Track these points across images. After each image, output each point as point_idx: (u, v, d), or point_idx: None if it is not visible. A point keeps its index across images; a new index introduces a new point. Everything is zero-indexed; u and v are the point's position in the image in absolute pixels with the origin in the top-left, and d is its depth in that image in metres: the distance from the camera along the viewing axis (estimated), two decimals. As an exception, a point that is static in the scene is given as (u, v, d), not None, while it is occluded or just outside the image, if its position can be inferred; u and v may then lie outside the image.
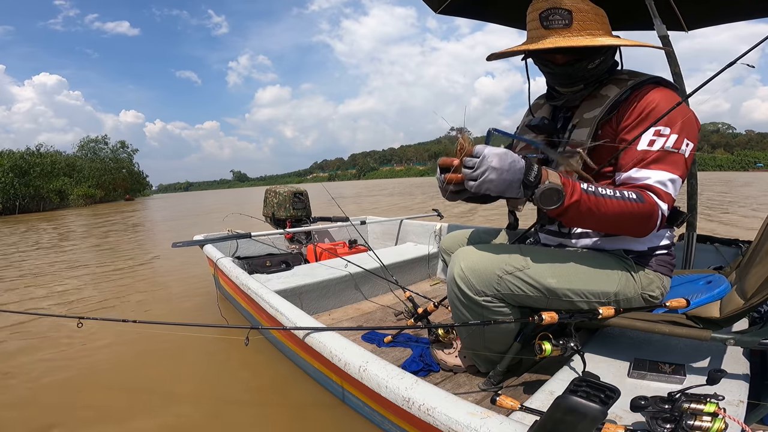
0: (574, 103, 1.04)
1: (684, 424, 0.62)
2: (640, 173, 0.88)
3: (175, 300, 2.86)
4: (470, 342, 1.12)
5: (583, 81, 0.99)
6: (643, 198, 0.84)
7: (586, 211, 0.83)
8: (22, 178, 24.92)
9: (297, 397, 1.42)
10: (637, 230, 0.89)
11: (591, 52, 0.93)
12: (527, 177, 0.81)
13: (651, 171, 0.87)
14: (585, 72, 0.96)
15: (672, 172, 0.87)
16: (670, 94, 0.92)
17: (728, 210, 6.95)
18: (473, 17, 1.99)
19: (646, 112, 0.90)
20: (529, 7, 0.96)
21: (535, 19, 0.94)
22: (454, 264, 1.01)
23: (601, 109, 0.95)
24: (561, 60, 0.96)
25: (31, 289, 3.44)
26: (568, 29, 0.91)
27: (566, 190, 0.80)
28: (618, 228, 0.90)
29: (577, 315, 0.91)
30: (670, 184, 0.87)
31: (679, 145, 0.87)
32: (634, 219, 0.85)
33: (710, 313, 0.94)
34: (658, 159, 0.87)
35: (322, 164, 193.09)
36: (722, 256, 1.61)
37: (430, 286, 2.33)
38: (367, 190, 25.03)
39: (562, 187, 0.80)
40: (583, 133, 0.98)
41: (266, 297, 1.41)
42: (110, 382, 1.65)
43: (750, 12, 1.61)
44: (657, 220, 0.86)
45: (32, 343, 2.11)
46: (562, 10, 0.90)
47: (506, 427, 0.65)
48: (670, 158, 0.87)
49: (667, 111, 0.87)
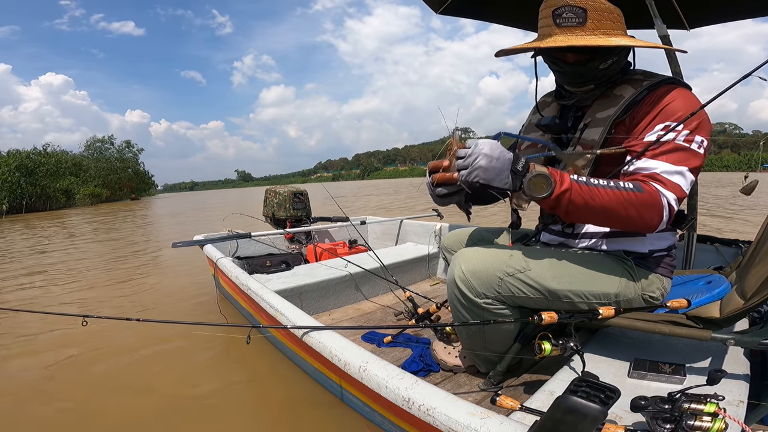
0: (585, 103, 1.02)
1: (684, 425, 0.61)
2: (646, 163, 0.86)
3: (177, 299, 2.86)
4: (470, 343, 1.12)
5: (594, 81, 0.97)
6: (641, 187, 0.82)
7: (579, 201, 0.82)
8: (28, 178, 25.18)
9: (297, 397, 1.42)
10: (642, 222, 0.83)
11: (604, 52, 0.90)
12: (515, 166, 0.82)
13: (657, 161, 0.85)
14: (596, 72, 0.94)
15: (680, 164, 0.84)
16: (687, 93, 0.90)
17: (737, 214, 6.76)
18: (474, 17, 1.98)
19: (660, 109, 0.88)
20: (543, 3, 0.93)
21: (547, 16, 0.91)
22: (455, 266, 1.00)
23: (616, 108, 0.93)
24: (572, 59, 0.94)
25: (35, 287, 3.44)
26: (582, 28, 0.88)
27: (554, 178, 0.81)
28: (621, 221, 0.85)
29: (577, 315, 0.91)
30: (677, 176, 0.84)
31: (690, 140, 0.84)
32: (634, 209, 0.81)
33: (710, 313, 0.94)
34: (666, 151, 0.85)
35: (326, 164, 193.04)
36: (722, 256, 1.61)
37: (430, 286, 2.32)
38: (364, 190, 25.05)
39: (550, 175, 0.81)
40: (595, 132, 0.96)
41: (266, 297, 1.41)
42: (111, 379, 1.66)
43: (751, 10, 1.61)
44: (662, 209, 0.82)
45: (37, 341, 2.12)
46: (577, 8, 0.87)
47: (506, 427, 0.65)
48: (680, 151, 0.84)
49: (686, 110, 0.85)
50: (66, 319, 2.27)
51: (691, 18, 1.71)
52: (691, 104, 0.88)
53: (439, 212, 2.93)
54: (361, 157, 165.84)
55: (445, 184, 0.89)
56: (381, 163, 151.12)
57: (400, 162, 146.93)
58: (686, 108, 0.86)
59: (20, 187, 24.18)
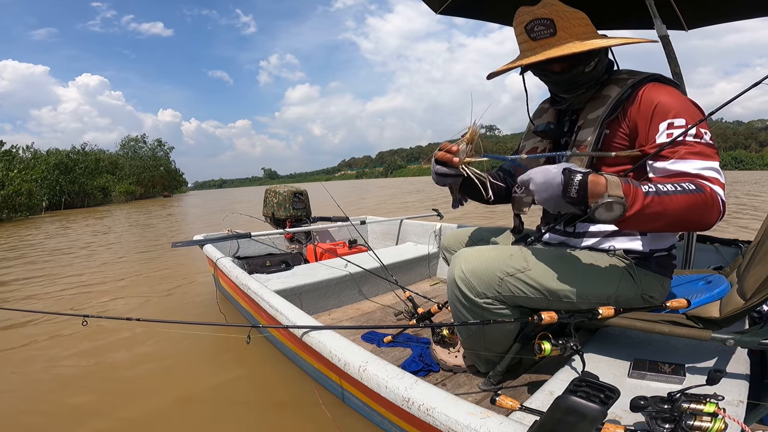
0: (579, 106, 1.05)
1: (684, 424, 0.61)
2: (684, 165, 0.83)
3: (180, 298, 2.86)
4: (470, 343, 1.12)
5: (584, 85, 0.99)
6: (701, 188, 0.79)
7: (651, 214, 0.76)
8: (66, 176, 26.08)
9: (297, 397, 1.42)
10: (705, 221, 0.81)
11: (585, 56, 0.93)
12: (567, 194, 0.75)
13: (694, 161, 0.83)
14: (584, 76, 0.97)
15: (711, 160, 0.83)
16: (670, 89, 0.92)
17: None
18: (474, 17, 1.99)
19: (652, 108, 0.89)
20: (514, 21, 0.97)
21: (522, 33, 0.95)
22: (455, 266, 1.01)
23: (604, 108, 0.95)
24: (558, 68, 0.97)
25: (39, 287, 3.44)
26: (555, 38, 0.91)
27: (628, 200, 0.74)
28: (685, 224, 0.82)
29: (577, 315, 0.91)
30: (715, 172, 0.83)
31: (701, 135, 0.84)
32: (699, 210, 0.79)
33: (710, 313, 0.94)
34: (695, 151, 0.83)
35: (350, 162, 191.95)
36: (722, 256, 1.61)
37: (430, 286, 2.32)
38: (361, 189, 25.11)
39: (624, 198, 0.73)
40: (587, 133, 0.98)
41: (266, 297, 1.41)
42: (111, 379, 1.66)
43: (753, 10, 1.61)
44: (720, 206, 0.81)
45: (38, 341, 2.12)
46: (545, 20, 0.90)
47: (506, 427, 0.65)
48: (700, 147, 0.83)
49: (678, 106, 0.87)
50: (67, 319, 2.27)
51: (689, 18, 1.71)
52: (679, 99, 0.89)
53: (439, 212, 2.93)
54: (384, 155, 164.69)
55: (446, 165, 0.96)
56: (404, 161, 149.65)
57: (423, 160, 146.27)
58: (677, 104, 0.88)
59: (59, 184, 24.99)
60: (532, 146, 1.15)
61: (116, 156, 40.39)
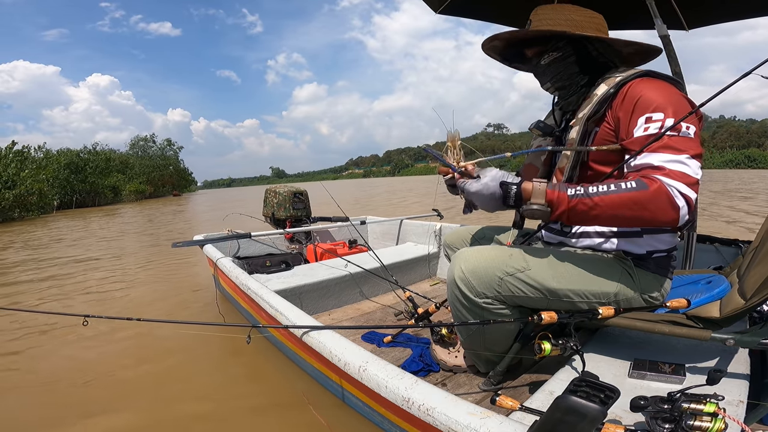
0: (576, 106, 1.06)
1: (684, 424, 0.61)
2: (645, 159, 0.85)
3: (180, 298, 2.86)
4: (470, 343, 1.12)
5: (567, 79, 1.03)
6: (644, 183, 0.81)
7: (582, 213, 0.85)
8: (77, 175, 26.16)
9: (297, 397, 1.42)
10: (656, 216, 0.81)
11: (545, 40, 1.02)
12: (506, 202, 0.91)
13: (655, 155, 0.84)
14: (560, 68, 1.02)
15: (677, 153, 0.83)
16: (658, 83, 0.91)
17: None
18: (473, 17, 1.99)
19: (634, 103, 0.89)
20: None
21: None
22: (455, 265, 1.01)
23: (590, 106, 0.97)
24: (530, 53, 1.06)
25: (47, 287, 3.44)
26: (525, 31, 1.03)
27: (552, 205, 0.86)
28: (632, 220, 0.84)
29: (577, 315, 0.91)
30: (677, 164, 0.82)
31: (678, 128, 0.84)
32: (640, 206, 0.80)
33: (710, 313, 0.94)
34: (661, 144, 0.83)
35: (357, 161, 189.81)
36: (722, 256, 1.61)
37: (430, 286, 2.32)
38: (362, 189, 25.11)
39: (546, 205, 0.86)
40: (575, 131, 1.01)
41: (266, 297, 1.41)
42: (111, 379, 1.66)
43: (753, 9, 1.61)
44: (672, 199, 0.79)
45: (40, 340, 2.12)
46: (528, 21, 1.04)
47: (506, 427, 0.65)
48: (673, 140, 0.83)
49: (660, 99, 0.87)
50: (70, 319, 2.27)
51: (689, 18, 1.71)
52: (664, 92, 0.88)
53: (439, 212, 2.93)
54: (392, 154, 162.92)
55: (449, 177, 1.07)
56: (412, 159, 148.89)
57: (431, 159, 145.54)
58: (660, 97, 0.87)
59: (69, 183, 25.11)
60: (538, 144, 1.18)
61: (126, 155, 40.38)
